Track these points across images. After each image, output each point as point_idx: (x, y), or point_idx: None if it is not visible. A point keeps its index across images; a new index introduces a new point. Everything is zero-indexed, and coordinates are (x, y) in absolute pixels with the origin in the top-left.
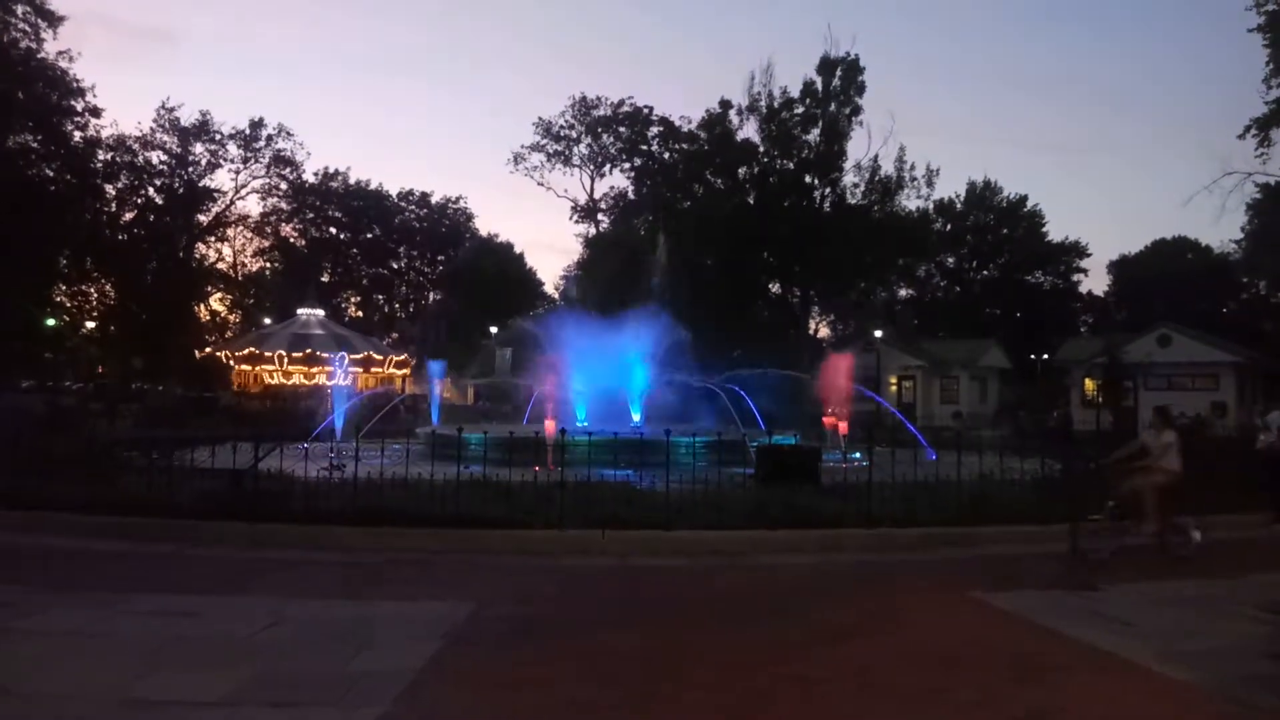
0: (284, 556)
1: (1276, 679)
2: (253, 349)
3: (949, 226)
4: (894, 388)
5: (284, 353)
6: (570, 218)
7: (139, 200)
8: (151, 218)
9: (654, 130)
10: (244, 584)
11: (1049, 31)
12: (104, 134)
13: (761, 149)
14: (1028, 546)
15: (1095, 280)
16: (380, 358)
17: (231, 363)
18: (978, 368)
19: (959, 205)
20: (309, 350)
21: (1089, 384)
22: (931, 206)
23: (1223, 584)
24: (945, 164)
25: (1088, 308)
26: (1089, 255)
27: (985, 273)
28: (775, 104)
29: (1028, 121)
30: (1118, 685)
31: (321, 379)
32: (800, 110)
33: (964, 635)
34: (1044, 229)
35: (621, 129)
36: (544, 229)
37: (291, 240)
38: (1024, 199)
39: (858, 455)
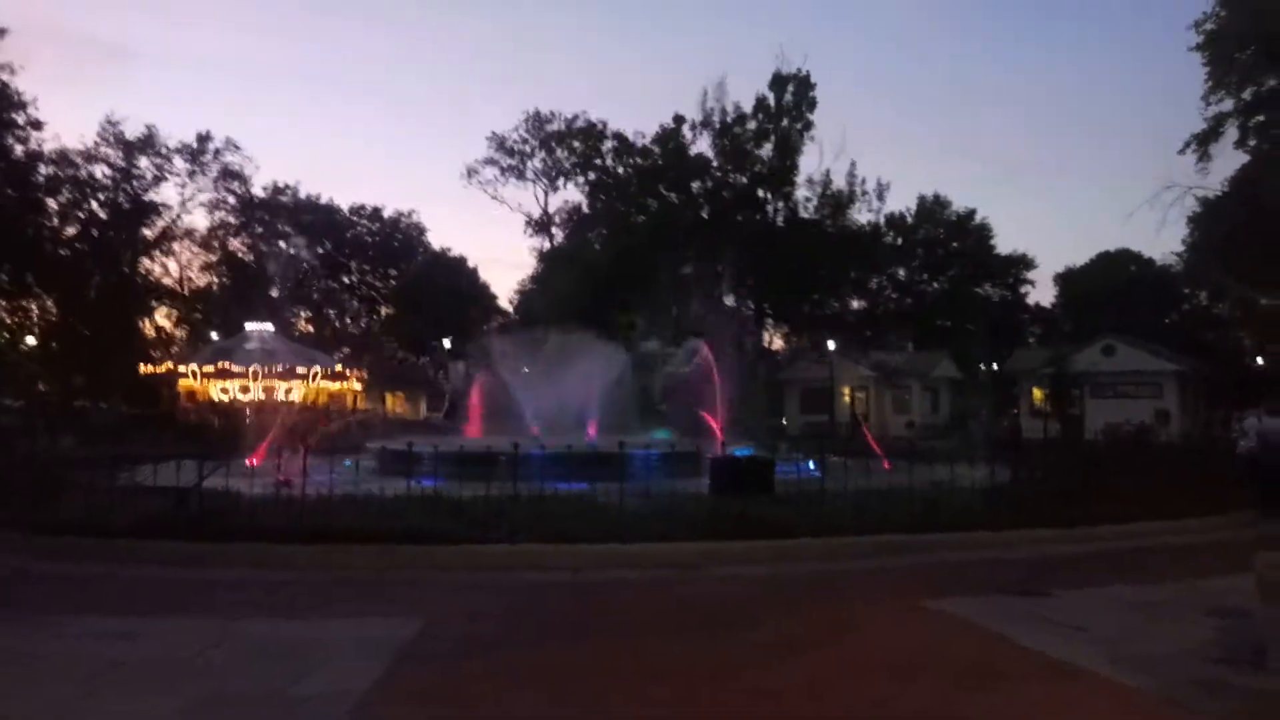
0: (229, 576)
1: (1224, 684)
2: (223, 364)
3: (900, 240)
4: (847, 399)
5: (258, 367)
6: (524, 232)
7: (82, 214)
8: (95, 232)
9: (608, 144)
10: (187, 604)
11: (997, 49)
12: (47, 148)
13: (715, 163)
14: (979, 553)
15: (1042, 292)
16: (349, 373)
17: (198, 379)
18: (929, 378)
19: (909, 219)
20: (286, 365)
21: (1037, 393)
22: (883, 220)
23: (1173, 588)
24: (895, 178)
25: (1035, 319)
26: (1036, 267)
27: (936, 285)
28: (728, 119)
29: (977, 137)
30: (1070, 691)
31: (280, 395)
32: (753, 125)
33: (916, 643)
34: (992, 242)
35: (575, 143)
36: (498, 243)
37: (240, 255)
38: (973, 213)
39: (810, 465)
